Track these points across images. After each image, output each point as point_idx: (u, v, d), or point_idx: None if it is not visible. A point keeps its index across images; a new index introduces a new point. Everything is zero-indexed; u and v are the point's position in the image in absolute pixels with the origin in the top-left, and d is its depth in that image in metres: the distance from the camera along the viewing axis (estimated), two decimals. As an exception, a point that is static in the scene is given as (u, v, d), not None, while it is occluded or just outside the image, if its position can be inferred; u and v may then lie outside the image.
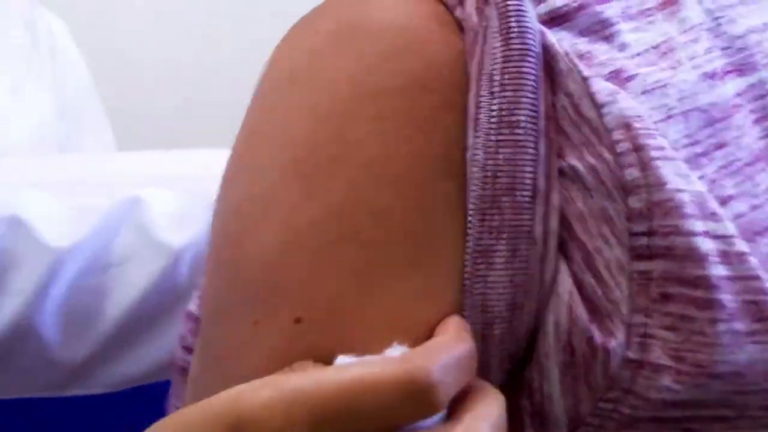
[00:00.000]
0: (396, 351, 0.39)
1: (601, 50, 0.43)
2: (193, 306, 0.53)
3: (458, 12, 0.44)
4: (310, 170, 0.42)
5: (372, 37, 0.43)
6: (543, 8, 0.44)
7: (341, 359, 0.38)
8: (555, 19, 0.44)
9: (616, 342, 0.40)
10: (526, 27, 0.42)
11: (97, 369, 0.95)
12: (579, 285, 0.41)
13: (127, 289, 0.95)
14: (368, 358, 0.38)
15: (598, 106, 0.41)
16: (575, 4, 0.44)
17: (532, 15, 0.43)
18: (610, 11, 0.44)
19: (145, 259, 0.96)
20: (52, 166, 1.35)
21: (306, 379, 0.35)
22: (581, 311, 0.41)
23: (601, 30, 0.44)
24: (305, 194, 0.42)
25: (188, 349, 0.52)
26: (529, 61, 0.41)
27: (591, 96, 0.41)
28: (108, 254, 0.95)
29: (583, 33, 0.44)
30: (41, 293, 0.90)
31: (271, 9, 2.38)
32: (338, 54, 0.44)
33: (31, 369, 0.91)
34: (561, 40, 0.43)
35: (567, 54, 0.42)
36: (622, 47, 0.43)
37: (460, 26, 0.44)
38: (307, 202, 0.42)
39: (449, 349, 0.37)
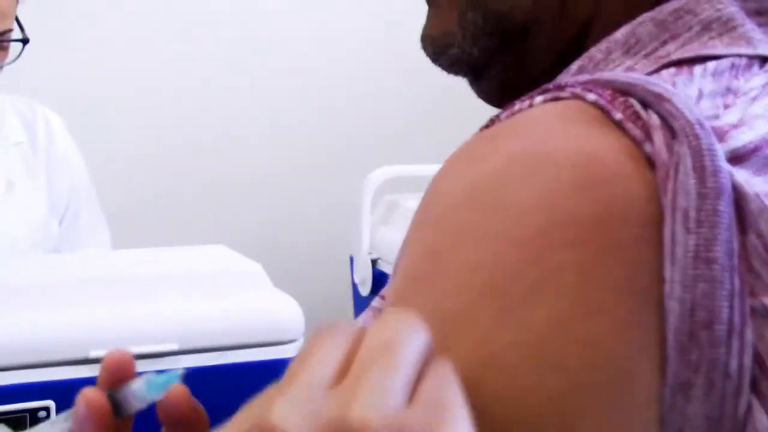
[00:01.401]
0: None
1: None
2: None
3: (647, 147, 0.44)
4: (507, 294, 0.42)
5: (564, 165, 0.43)
6: (724, 147, 0.44)
7: None
8: (733, 159, 0.44)
9: None
10: (719, 166, 0.42)
11: None
12: None
13: None
14: None
15: None
16: (751, 146, 0.45)
17: (721, 154, 0.43)
18: None
19: None
20: (50, 266, 1.35)
21: None
22: None
23: None
24: (503, 317, 0.42)
25: None
26: (724, 200, 0.42)
27: None
28: None
29: (756, 173, 0.45)
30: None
31: (268, 114, 2.42)
32: (527, 178, 0.44)
33: None
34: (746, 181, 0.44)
35: (758, 195, 0.43)
36: None
37: (649, 161, 0.44)
38: (505, 325, 0.42)
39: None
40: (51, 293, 1.11)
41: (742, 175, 0.44)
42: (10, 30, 1.52)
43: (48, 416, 1.03)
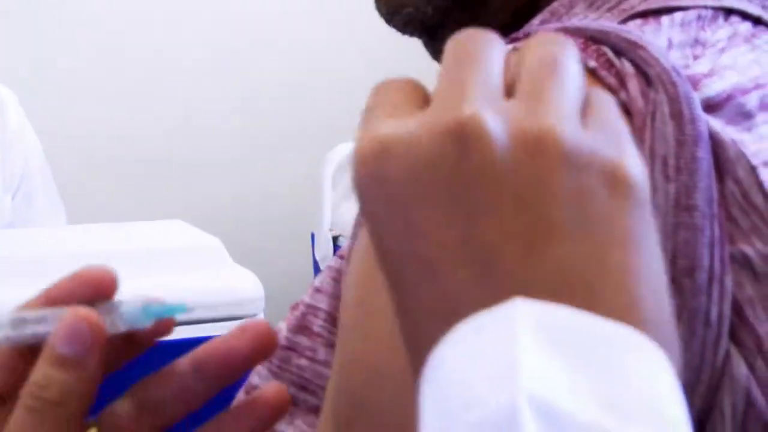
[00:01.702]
0: None
1: (749, 140, 0.44)
2: None
3: (622, 95, 0.43)
4: None
5: None
6: (698, 96, 0.44)
7: None
8: (708, 108, 0.44)
9: None
10: (697, 113, 0.42)
11: None
12: (751, 369, 0.41)
13: None
14: None
15: (766, 195, 0.42)
16: (724, 95, 0.45)
17: (698, 101, 0.43)
18: (750, 103, 0.45)
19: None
20: (4, 242, 1.33)
21: None
22: (758, 395, 0.41)
23: (744, 121, 0.45)
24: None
25: None
26: (702, 147, 0.42)
27: (759, 184, 0.42)
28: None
29: (730, 122, 0.44)
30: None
31: (229, 89, 2.39)
32: None
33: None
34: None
35: (734, 142, 0.43)
36: (761, 138, 0.44)
37: (624, 109, 0.43)
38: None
39: None
40: (5, 269, 1.09)
41: (716, 124, 0.43)
42: None
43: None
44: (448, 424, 0.28)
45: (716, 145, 0.42)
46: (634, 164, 0.33)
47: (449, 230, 0.32)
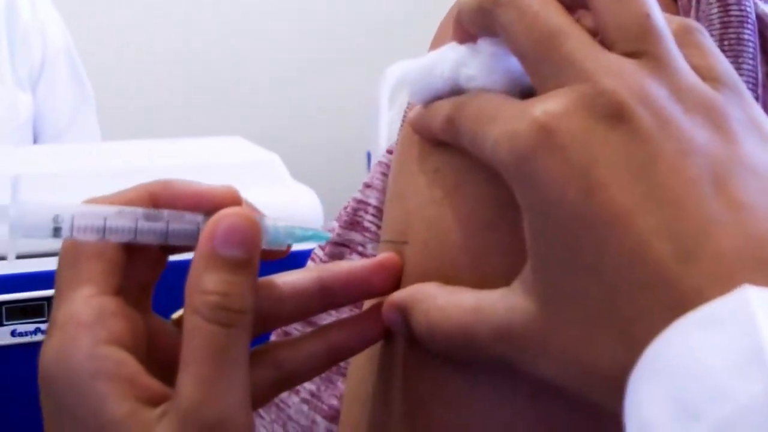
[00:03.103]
0: None
1: None
2: None
3: None
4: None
5: None
6: None
7: None
8: None
9: None
10: None
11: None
12: None
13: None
14: None
15: None
16: None
17: None
18: None
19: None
20: (63, 156, 1.34)
21: None
22: None
23: None
24: None
25: None
26: (748, 28, 0.41)
27: None
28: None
29: None
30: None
31: (288, 3, 2.37)
32: None
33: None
34: None
35: None
36: None
37: None
38: None
39: None
40: (64, 182, 1.10)
41: (766, 7, 0.42)
42: None
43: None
44: (687, 421, 0.27)
45: (765, 27, 0.41)
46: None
47: (651, 216, 0.30)
